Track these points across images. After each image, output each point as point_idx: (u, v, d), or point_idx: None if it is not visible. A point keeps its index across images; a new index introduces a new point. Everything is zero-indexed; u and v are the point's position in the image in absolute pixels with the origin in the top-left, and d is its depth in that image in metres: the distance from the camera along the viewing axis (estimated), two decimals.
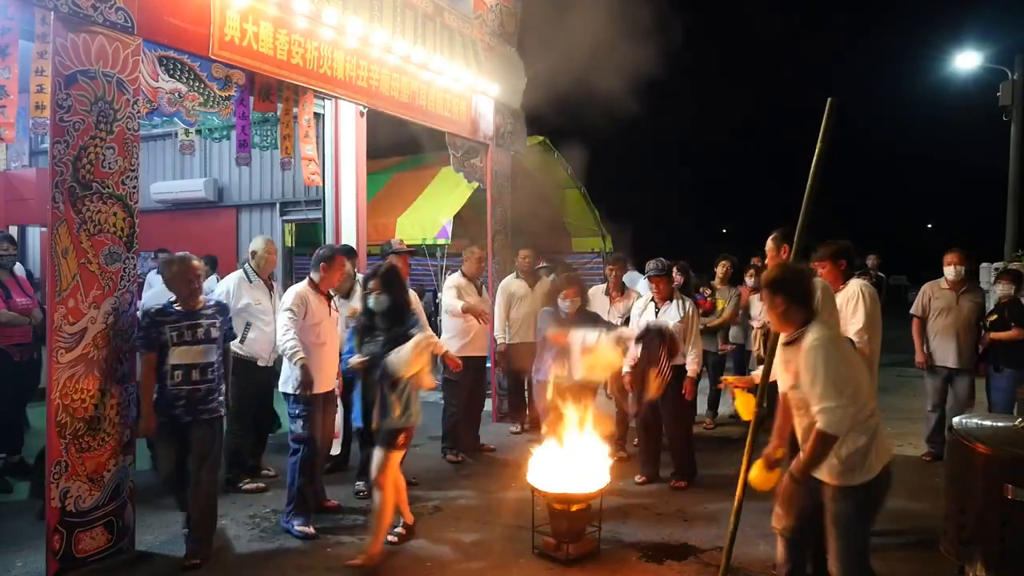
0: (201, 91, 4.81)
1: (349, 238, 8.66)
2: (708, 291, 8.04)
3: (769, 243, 4.32)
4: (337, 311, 5.16)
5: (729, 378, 4.39)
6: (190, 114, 4.73)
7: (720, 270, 8.20)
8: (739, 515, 3.73)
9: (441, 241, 10.63)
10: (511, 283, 7.32)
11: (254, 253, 5.72)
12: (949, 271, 6.55)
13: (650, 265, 5.97)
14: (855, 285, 4.56)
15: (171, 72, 4.60)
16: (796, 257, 3.77)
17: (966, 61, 15.30)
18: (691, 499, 5.50)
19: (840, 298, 4.59)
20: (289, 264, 10.37)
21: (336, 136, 8.85)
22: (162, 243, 9.09)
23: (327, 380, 4.94)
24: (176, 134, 9.29)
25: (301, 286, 4.86)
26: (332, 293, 5.10)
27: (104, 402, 4.16)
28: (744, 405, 4.27)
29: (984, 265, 11.90)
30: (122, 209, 4.22)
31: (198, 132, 8.70)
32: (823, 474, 3.07)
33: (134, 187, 4.28)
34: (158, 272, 8.61)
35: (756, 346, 7.82)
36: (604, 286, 6.92)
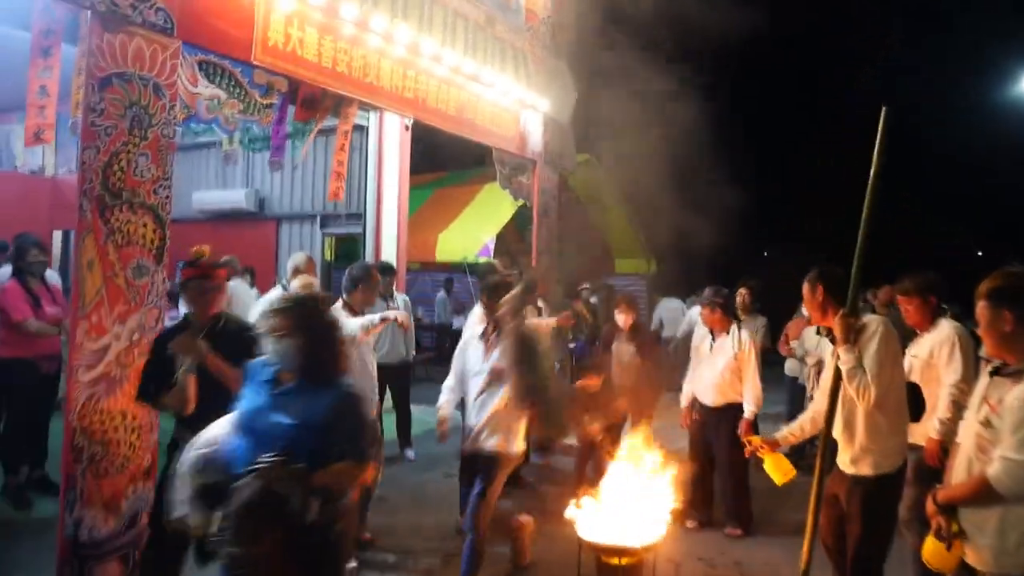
0: (241, 98, 4.59)
1: (389, 253, 8.43)
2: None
3: (804, 286, 3.69)
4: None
5: (754, 439, 3.94)
6: (228, 121, 4.51)
7: (738, 299, 7.11)
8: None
9: (483, 259, 10.34)
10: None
11: (297, 269, 5.46)
12: None
13: (705, 292, 5.62)
14: (948, 327, 4.05)
15: (211, 77, 4.39)
16: (854, 291, 3.36)
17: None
18: (748, 549, 5.05)
19: (928, 341, 4.12)
20: (328, 279, 10.16)
21: (380, 149, 8.66)
22: None
23: None
24: (220, 144, 9.19)
25: (335, 310, 4.53)
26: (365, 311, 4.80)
27: (124, 424, 3.89)
28: (775, 468, 3.81)
29: None
30: (153, 220, 3.98)
31: (240, 142, 8.59)
32: (974, 557, 2.59)
33: (166, 197, 4.04)
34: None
35: (810, 385, 7.27)
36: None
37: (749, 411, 5.25)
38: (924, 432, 4.03)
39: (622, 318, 5.90)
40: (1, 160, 10.58)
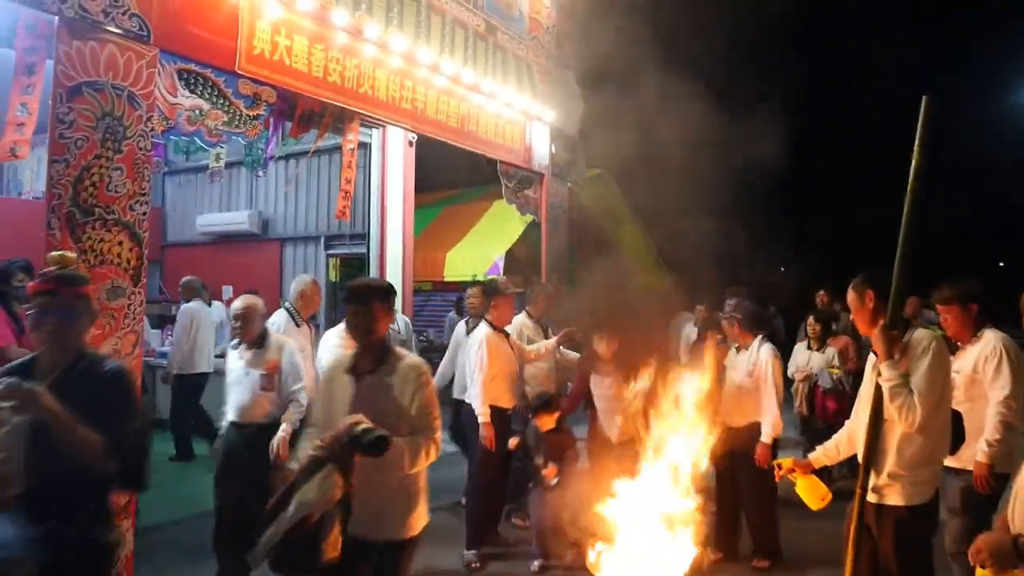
0: (225, 109, 4.34)
1: (394, 273, 8.16)
2: (720, 335, 6.23)
3: (850, 293, 3.36)
4: None
5: (784, 461, 3.59)
6: (212, 134, 4.26)
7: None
8: None
9: (492, 278, 10.06)
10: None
11: (303, 294, 5.19)
12: None
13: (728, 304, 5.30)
14: (993, 338, 3.69)
15: (191, 87, 4.15)
16: (895, 301, 3.02)
17: None
18: None
19: (972, 354, 3.76)
20: (333, 300, 9.92)
21: (383, 167, 8.44)
22: (205, 277, 8.73)
23: None
24: (218, 164, 9.02)
25: (340, 334, 4.16)
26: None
27: None
28: (810, 491, 3.47)
29: None
30: (129, 238, 3.73)
31: (241, 164, 8.40)
32: None
33: (144, 213, 3.80)
34: (186, 301, 8.23)
35: (799, 403, 6.83)
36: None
37: (766, 434, 4.84)
38: (971, 455, 3.66)
39: (603, 345, 4.99)
40: (8, 187, 10.54)
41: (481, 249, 10.27)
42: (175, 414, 7.23)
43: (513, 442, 4.91)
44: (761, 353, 4.98)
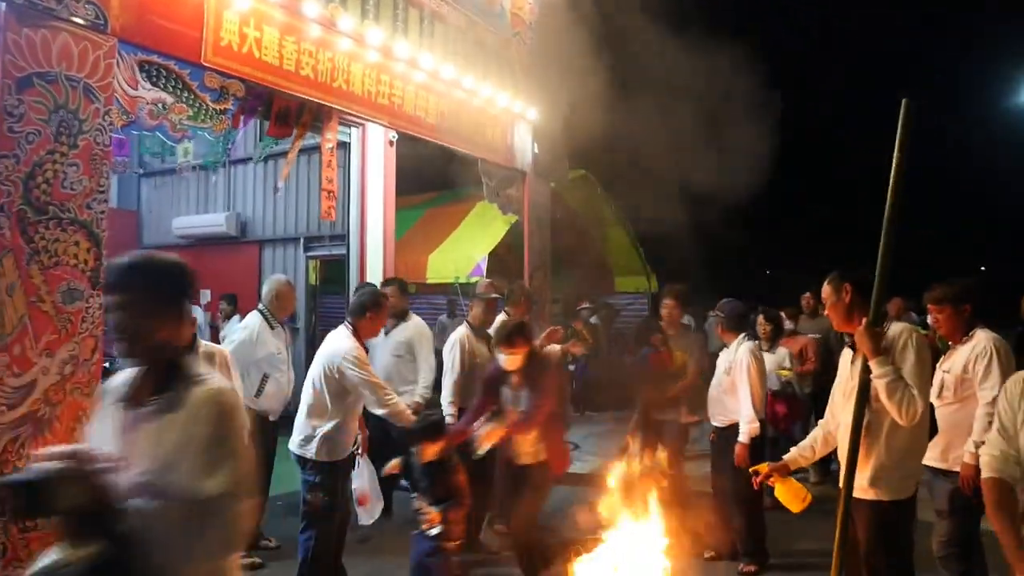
0: (190, 103, 4.15)
1: (375, 276, 7.98)
2: (659, 337, 5.66)
3: (826, 287, 3.30)
4: None
5: (761, 467, 3.50)
6: (176, 128, 4.06)
7: (664, 311, 5.77)
8: None
9: (475, 279, 9.91)
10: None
11: (278, 295, 5.04)
12: None
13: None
14: (985, 338, 3.62)
15: (154, 80, 3.96)
16: (878, 298, 2.96)
17: None
18: None
19: (963, 353, 3.69)
20: (313, 303, 9.72)
21: (363, 166, 8.24)
22: None
23: (352, 440, 4.13)
24: (196, 166, 8.81)
25: (351, 338, 3.97)
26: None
27: None
28: (789, 495, 3.39)
29: None
30: (86, 238, 3.54)
31: (220, 164, 8.18)
32: None
33: (102, 212, 3.61)
34: None
35: None
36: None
37: (743, 433, 4.70)
38: (959, 457, 3.59)
39: (507, 358, 4.15)
40: None
41: (464, 251, 10.11)
42: None
43: (392, 466, 4.09)
44: (739, 352, 4.87)
